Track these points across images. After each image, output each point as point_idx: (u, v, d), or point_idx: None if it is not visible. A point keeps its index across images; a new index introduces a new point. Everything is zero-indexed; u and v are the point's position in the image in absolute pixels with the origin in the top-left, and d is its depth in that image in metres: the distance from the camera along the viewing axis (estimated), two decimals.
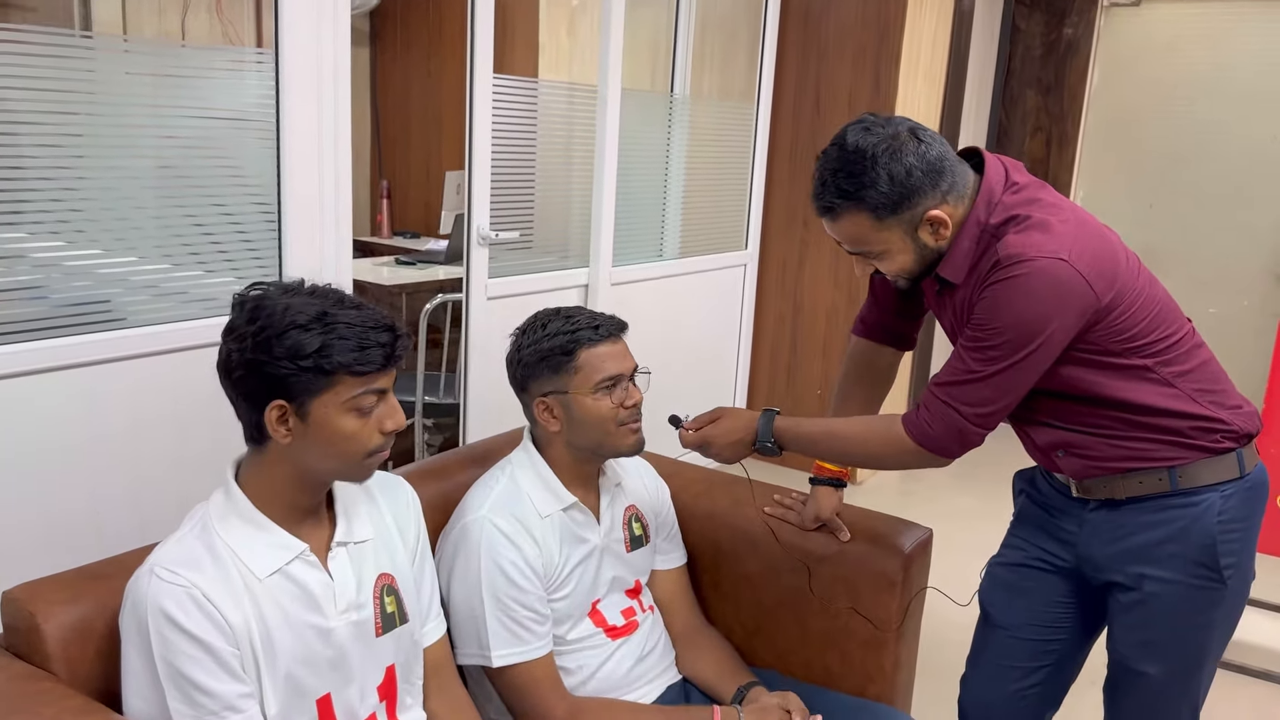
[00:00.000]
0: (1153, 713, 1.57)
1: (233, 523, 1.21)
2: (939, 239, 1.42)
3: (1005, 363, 1.37)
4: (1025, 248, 1.34)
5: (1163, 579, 1.48)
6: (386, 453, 1.25)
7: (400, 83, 4.87)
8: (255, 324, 1.17)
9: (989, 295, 1.37)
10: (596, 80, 3.11)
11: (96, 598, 1.24)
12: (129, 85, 1.92)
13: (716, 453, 1.61)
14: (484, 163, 2.71)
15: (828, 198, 1.41)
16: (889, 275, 1.49)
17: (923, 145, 1.38)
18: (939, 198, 1.39)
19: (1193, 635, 1.51)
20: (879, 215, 1.39)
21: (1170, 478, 1.46)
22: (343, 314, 1.18)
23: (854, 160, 1.38)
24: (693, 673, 1.68)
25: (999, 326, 1.36)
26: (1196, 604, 1.48)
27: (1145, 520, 1.49)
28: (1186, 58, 4.35)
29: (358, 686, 1.29)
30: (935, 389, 1.44)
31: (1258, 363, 4.11)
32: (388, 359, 1.20)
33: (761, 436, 1.57)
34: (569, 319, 1.56)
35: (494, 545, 1.47)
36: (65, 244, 1.88)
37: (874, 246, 1.43)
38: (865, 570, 1.69)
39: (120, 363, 1.93)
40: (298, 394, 1.17)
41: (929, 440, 1.44)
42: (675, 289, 3.63)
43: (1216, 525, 1.45)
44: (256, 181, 2.14)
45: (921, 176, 1.37)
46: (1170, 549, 1.47)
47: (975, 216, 1.42)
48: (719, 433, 1.60)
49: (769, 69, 3.85)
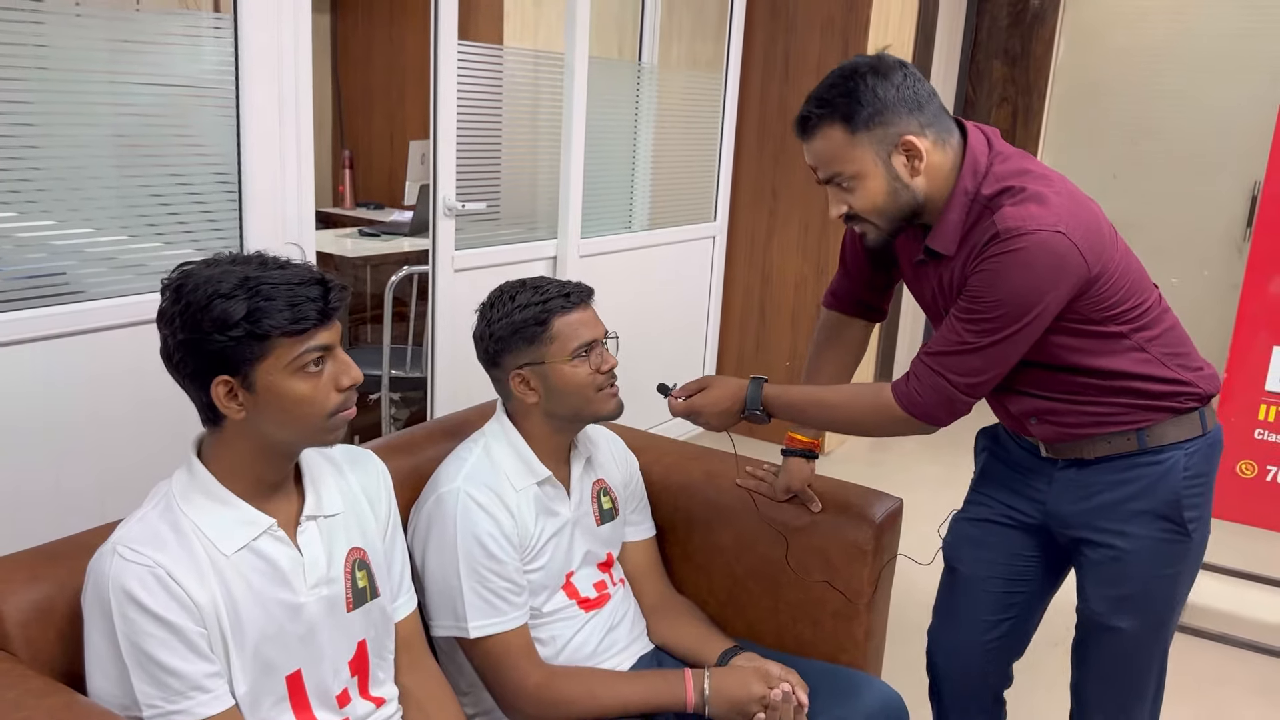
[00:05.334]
0: (1127, 667, 1.62)
1: (197, 499, 1.19)
2: (913, 172, 1.40)
3: (1000, 334, 1.38)
4: (1024, 220, 1.34)
5: (1132, 535, 1.52)
6: (351, 410, 1.21)
7: (362, 50, 4.78)
8: (180, 303, 1.14)
9: (987, 268, 1.36)
10: (563, 48, 3.07)
11: (56, 577, 1.21)
12: (82, 51, 1.86)
13: (705, 421, 1.61)
14: (449, 132, 2.66)
15: (808, 109, 1.41)
16: (862, 217, 1.45)
17: (910, 78, 1.39)
18: (917, 127, 1.39)
19: (1162, 588, 1.55)
20: (853, 128, 1.38)
21: (1138, 438, 1.50)
22: (267, 275, 1.14)
23: (840, 75, 1.40)
24: (669, 641, 1.69)
25: (998, 299, 1.36)
26: (1165, 558, 1.53)
27: (1113, 479, 1.52)
28: (1152, 27, 4.37)
29: (329, 662, 1.27)
30: (926, 358, 1.44)
31: (1219, 332, 4.18)
32: (322, 314, 1.16)
33: (750, 404, 1.57)
34: (538, 289, 1.54)
35: (470, 516, 1.46)
36: (16, 214, 1.82)
37: (846, 168, 1.40)
38: (837, 541, 1.70)
39: (78, 336, 1.88)
40: (239, 365, 1.13)
41: (918, 408, 1.45)
42: (644, 261, 3.61)
43: (1181, 481, 1.50)
44: (215, 151, 2.09)
45: (901, 100, 1.37)
46: (1138, 505, 1.51)
47: (962, 185, 1.41)
48: (707, 402, 1.60)
49: (737, 38, 3.82)
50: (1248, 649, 2.74)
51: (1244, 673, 2.63)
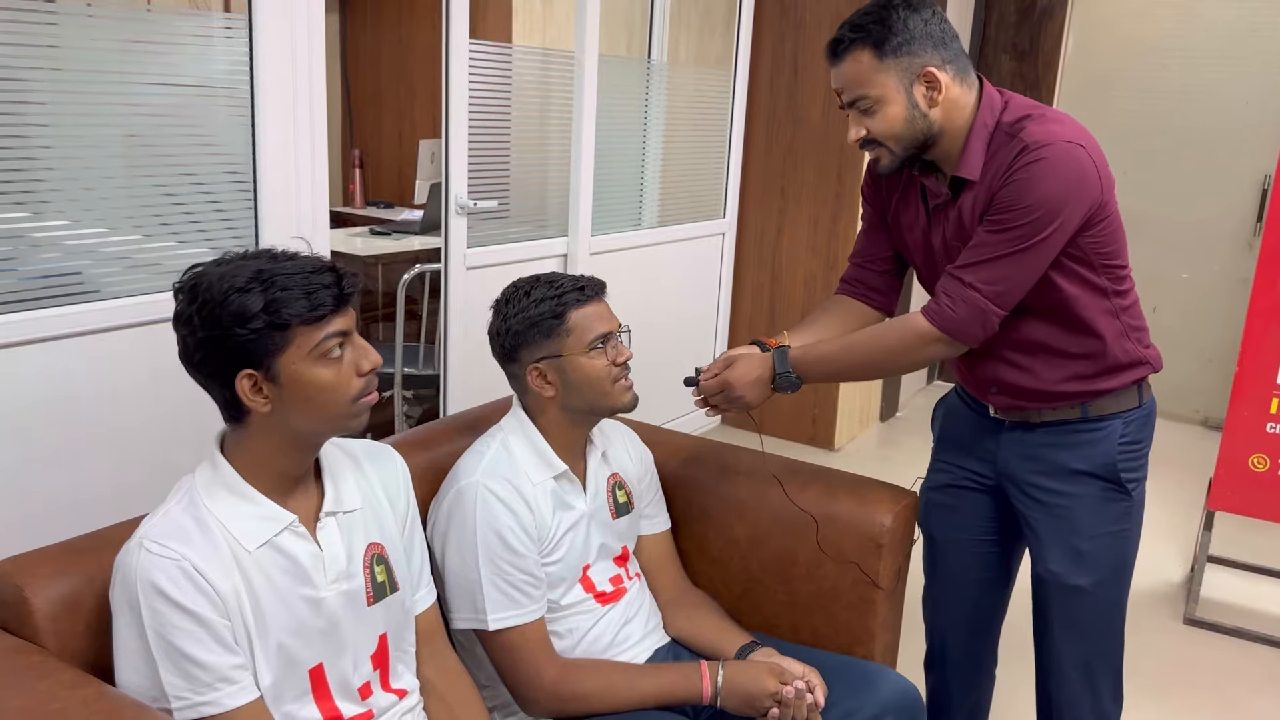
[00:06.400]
0: (1092, 626, 1.68)
1: (220, 495, 1.20)
2: (931, 103, 1.48)
3: (1028, 241, 1.44)
4: (1048, 135, 1.44)
5: (1075, 494, 1.62)
6: (373, 395, 1.23)
7: (371, 50, 4.79)
8: (197, 302, 1.15)
9: (1017, 179, 1.44)
10: (573, 45, 3.08)
11: (84, 571, 1.22)
12: (94, 51, 1.88)
13: (740, 394, 1.63)
14: (460, 130, 2.67)
15: (840, 33, 1.50)
16: (879, 142, 1.51)
17: (938, 16, 1.49)
18: (939, 61, 1.48)
19: (1113, 544, 1.64)
20: (881, 54, 1.46)
21: (1082, 409, 1.61)
22: (279, 267, 1.16)
23: (876, 5, 1.49)
24: (686, 634, 1.70)
25: (1027, 205, 1.43)
26: (1110, 514, 1.63)
27: (1057, 441, 1.63)
28: (1161, 21, 4.37)
29: (350, 656, 1.28)
30: (956, 272, 1.50)
31: (1230, 326, 4.17)
32: (338, 299, 1.18)
33: (779, 368, 1.60)
34: (552, 284, 1.56)
35: (489, 509, 1.47)
36: (30, 215, 1.84)
37: (870, 90, 1.48)
38: (853, 534, 1.71)
39: (94, 335, 1.90)
40: (261, 358, 1.15)
41: (953, 324, 1.50)
42: (654, 258, 3.62)
43: (1118, 447, 1.61)
44: (228, 150, 2.11)
45: (928, 34, 1.47)
46: (1079, 466, 1.62)
47: (981, 120, 1.50)
48: (737, 375, 1.62)
49: (746, 35, 3.83)
50: (1260, 642, 2.74)
51: (1256, 666, 2.64)
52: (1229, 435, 2.69)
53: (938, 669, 1.92)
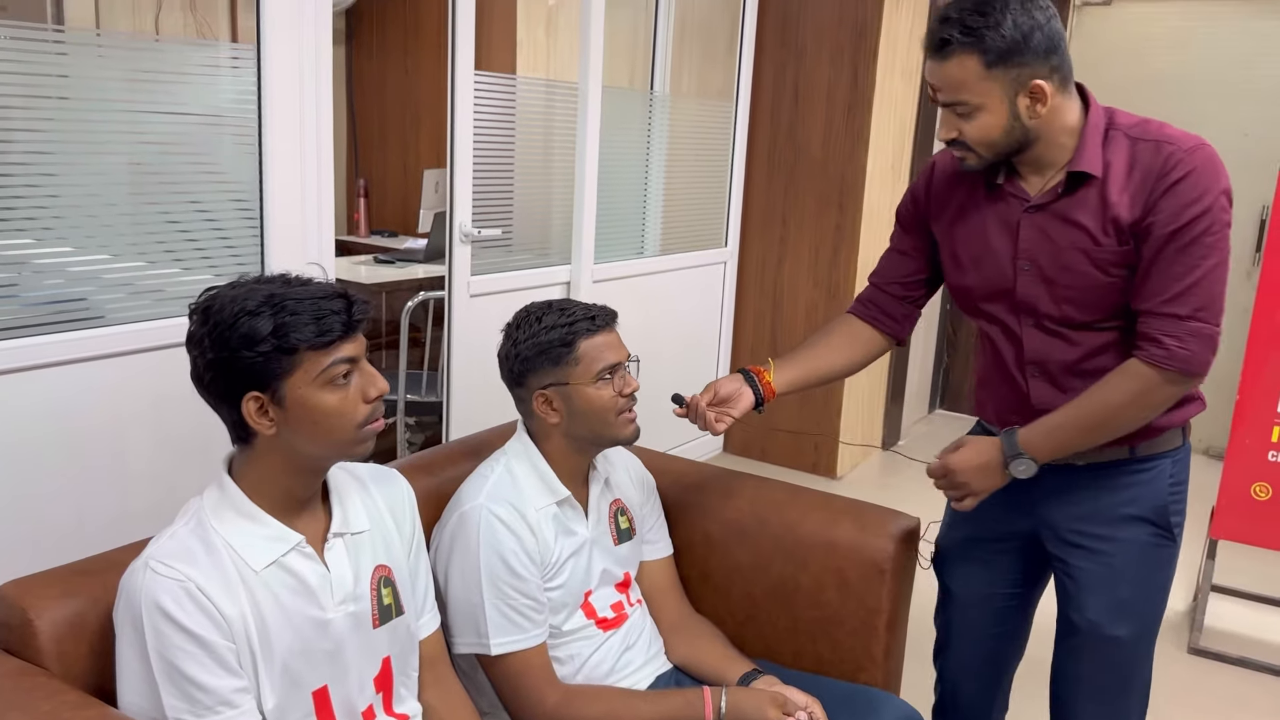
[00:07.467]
0: (1126, 676, 1.63)
1: (227, 516, 1.20)
2: (1033, 115, 1.41)
3: (1217, 248, 1.39)
4: (1186, 137, 1.40)
5: (1122, 540, 1.55)
6: (380, 422, 1.24)
7: (376, 81, 4.85)
8: (208, 324, 1.17)
9: (1182, 186, 1.38)
10: (575, 77, 3.12)
11: (89, 593, 1.23)
12: (103, 80, 1.90)
13: (965, 481, 1.52)
14: (465, 159, 2.70)
15: (948, 30, 1.39)
16: (969, 143, 1.45)
17: (1052, 18, 1.40)
18: (1047, 70, 1.40)
19: (1154, 594, 1.59)
20: (989, 62, 1.38)
21: (1130, 449, 1.53)
22: (291, 291, 1.17)
23: (987, 2, 1.38)
24: (689, 660, 1.69)
25: (1205, 210, 1.37)
26: (1155, 562, 1.57)
27: (1104, 485, 1.55)
28: (1155, 58, 4.41)
29: (355, 678, 1.28)
30: (1166, 308, 1.41)
31: (1230, 355, 4.17)
32: (347, 326, 1.18)
33: (1010, 451, 1.49)
34: (563, 311, 1.56)
35: (493, 533, 1.47)
36: (35, 241, 1.85)
37: (972, 97, 1.40)
38: (855, 560, 1.70)
39: (99, 361, 1.91)
40: (268, 380, 1.16)
41: (1190, 362, 1.41)
42: (656, 286, 3.64)
43: (1168, 488, 1.55)
44: (235, 179, 2.13)
45: (1042, 39, 1.38)
46: (1129, 511, 1.55)
47: (1093, 121, 1.45)
48: (961, 460, 1.53)
49: (747, 68, 3.87)
50: (1266, 672, 2.72)
51: (1262, 695, 2.62)
52: (1230, 464, 2.69)
53: (948, 717, 1.86)
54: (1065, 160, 1.46)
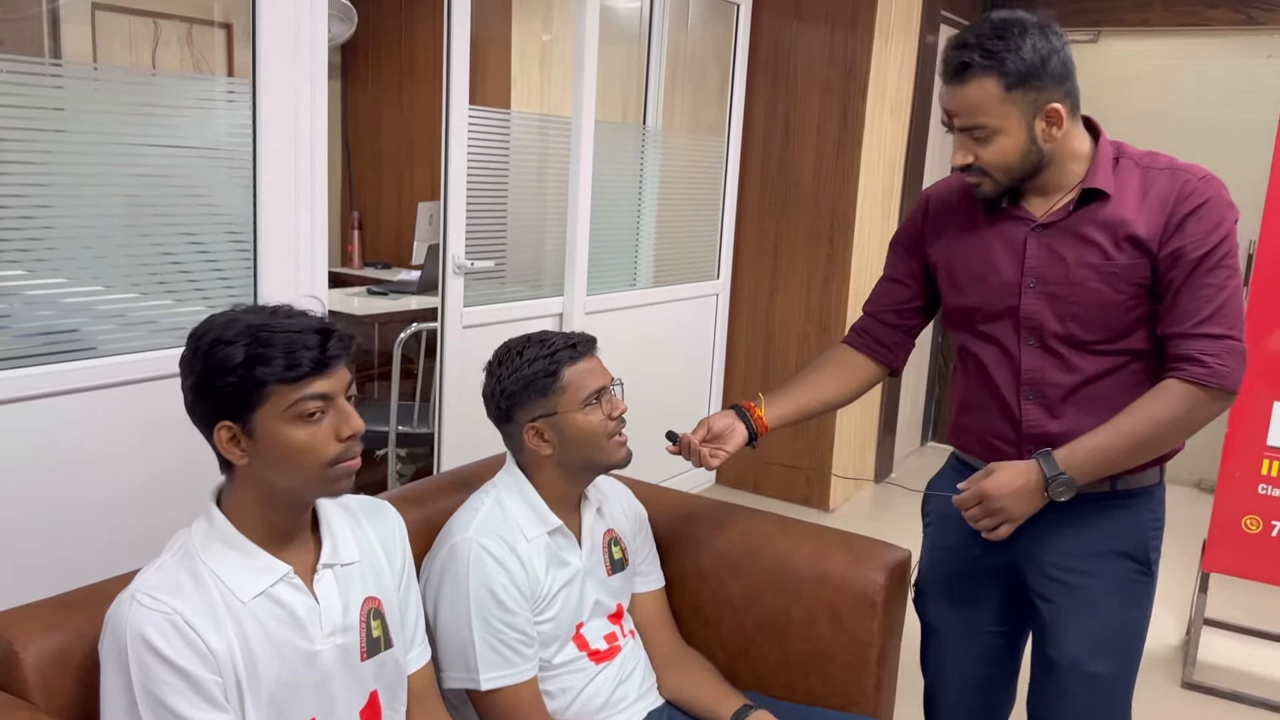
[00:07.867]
0: (1108, 713, 1.61)
1: (215, 547, 1.20)
2: (1048, 139, 1.44)
3: (1238, 269, 1.45)
4: (1193, 166, 1.48)
5: (1103, 574, 1.55)
6: (354, 461, 1.22)
7: (371, 115, 4.89)
8: (192, 348, 1.18)
9: (1206, 208, 1.44)
10: (569, 112, 3.15)
11: (74, 626, 1.22)
12: (99, 113, 1.91)
13: (1001, 507, 1.46)
14: (459, 192, 2.72)
15: (968, 54, 1.40)
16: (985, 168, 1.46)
17: (1065, 45, 1.43)
18: (1063, 95, 1.43)
19: (1133, 630, 1.59)
20: (1009, 85, 1.40)
21: (1111, 483, 1.53)
22: (273, 323, 1.17)
23: (1005, 27, 1.40)
24: (681, 695, 1.68)
25: (1229, 231, 1.44)
26: (1134, 597, 1.57)
27: (1086, 519, 1.55)
28: (1143, 92, 4.47)
29: (342, 711, 1.27)
30: (1200, 329, 1.43)
31: None
32: (317, 363, 1.17)
33: (1049, 471, 1.45)
34: (543, 343, 1.57)
35: (483, 567, 1.47)
36: (26, 273, 1.85)
37: (990, 120, 1.42)
38: (846, 592, 1.70)
39: (90, 392, 1.90)
40: (239, 410, 1.16)
41: (1229, 378, 1.44)
42: (649, 318, 3.65)
43: (1148, 524, 1.56)
44: (228, 211, 2.13)
45: (1058, 64, 1.41)
46: (1110, 546, 1.55)
47: (1103, 149, 1.49)
48: (996, 485, 1.46)
49: (739, 104, 3.91)
50: (1259, 706, 2.71)
51: None
52: (1221, 497, 2.69)
53: None
54: (1073, 183, 1.49)
